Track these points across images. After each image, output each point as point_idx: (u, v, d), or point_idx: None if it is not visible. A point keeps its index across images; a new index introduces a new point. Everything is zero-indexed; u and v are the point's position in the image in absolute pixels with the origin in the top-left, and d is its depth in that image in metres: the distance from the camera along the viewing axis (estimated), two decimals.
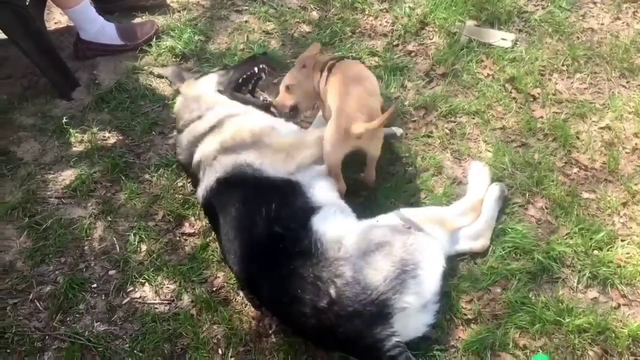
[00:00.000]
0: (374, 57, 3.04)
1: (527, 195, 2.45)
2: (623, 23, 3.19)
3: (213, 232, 2.41)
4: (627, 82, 2.89)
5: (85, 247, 2.44)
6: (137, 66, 3.05)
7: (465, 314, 2.15)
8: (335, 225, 2.13)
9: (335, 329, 1.93)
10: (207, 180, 2.27)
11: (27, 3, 2.73)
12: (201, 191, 2.30)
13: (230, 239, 2.13)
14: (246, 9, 3.35)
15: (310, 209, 2.16)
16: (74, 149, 2.75)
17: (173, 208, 2.49)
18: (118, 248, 2.42)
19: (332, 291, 1.93)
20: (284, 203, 2.14)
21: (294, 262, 2.01)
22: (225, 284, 2.29)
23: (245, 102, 2.58)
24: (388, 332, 1.92)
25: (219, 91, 2.58)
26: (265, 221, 2.09)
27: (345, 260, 1.99)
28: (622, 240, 2.32)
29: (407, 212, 2.19)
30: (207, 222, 2.44)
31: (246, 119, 2.43)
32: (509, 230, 2.34)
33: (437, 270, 2.05)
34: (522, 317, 2.11)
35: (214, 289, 2.29)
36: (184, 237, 2.44)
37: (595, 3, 3.31)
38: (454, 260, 2.26)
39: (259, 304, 2.20)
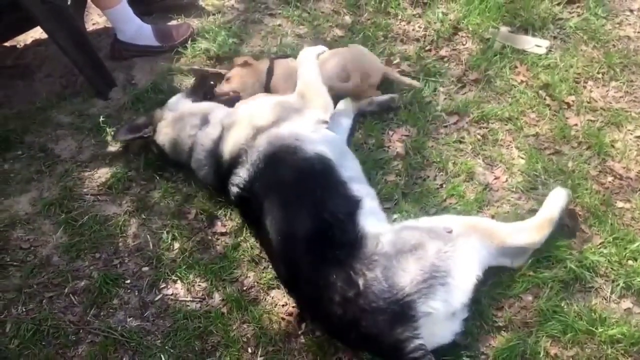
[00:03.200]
0: (406, 61, 3.04)
1: None
2: None
3: (245, 230, 2.45)
4: None
5: (120, 244, 2.48)
6: (173, 67, 3.10)
7: (496, 321, 2.14)
8: (375, 220, 2.17)
9: (359, 323, 1.94)
10: (250, 162, 2.30)
11: (69, 2, 2.79)
12: (241, 177, 2.32)
13: (277, 217, 2.17)
14: (280, 13, 3.38)
15: (354, 201, 2.21)
16: (110, 147, 2.80)
17: (205, 207, 2.53)
18: (151, 245, 2.46)
19: (361, 283, 1.96)
20: (328, 190, 2.21)
21: (336, 249, 2.05)
22: (255, 283, 2.32)
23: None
24: (411, 334, 1.92)
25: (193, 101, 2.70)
26: (313, 207, 2.16)
27: (380, 256, 2.01)
28: None
29: (454, 218, 2.19)
30: (239, 221, 2.48)
31: (252, 102, 2.58)
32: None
33: (470, 282, 2.03)
34: (554, 326, 2.09)
35: (245, 288, 2.31)
36: (216, 236, 2.47)
37: (631, 11, 3.27)
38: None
39: (291, 289, 2.22)
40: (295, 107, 2.47)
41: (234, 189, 2.33)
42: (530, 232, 2.21)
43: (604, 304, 2.17)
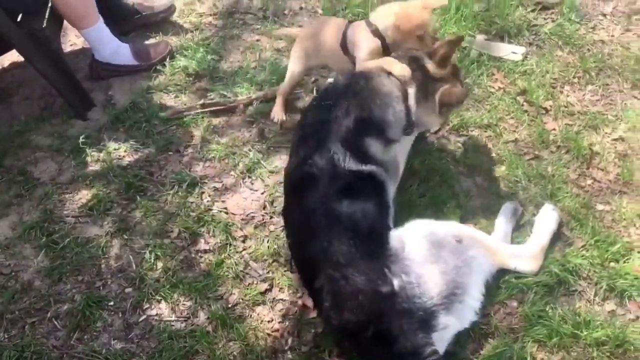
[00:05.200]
0: None
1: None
2: (633, 34, 3.20)
3: (229, 246, 2.43)
4: None
5: (102, 265, 2.45)
6: (152, 86, 3.09)
7: (482, 328, 2.14)
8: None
9: (382, 320, 1.95)
10: None
11: (44, 25, 2.78)
12: None
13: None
14: (258, 28, 3.39)
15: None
16: (90, 168, 2.78)
17: (188, 225, 2.51)
18: (134, 266, 2.43)
19: (396, 283, 1.97)
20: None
21: (372, 245, 2.08)
22: (240, 300, 2.30)
23: None
24: (428, 340, 1.94)
25: None
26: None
27: (411, 262, 2.03)
28: (638, 252, 2.30)
29: (460, 228, 2.22)
30: (223, 237, 2.46)
31: None
32: (524, 243, 2.33)
33: (479, 300, 2.09)
34: (540, 331, 2.09)
35: (230, 305, 2.29)
36: (199, 254, 2.45)
37: (605, 15, 3.32)
38: None
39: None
40: None
41: None
42: (529, 261, 2.25)
43: (588, 307, 2.18)
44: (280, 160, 2.75)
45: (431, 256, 2.06)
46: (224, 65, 3.18)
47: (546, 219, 2.35)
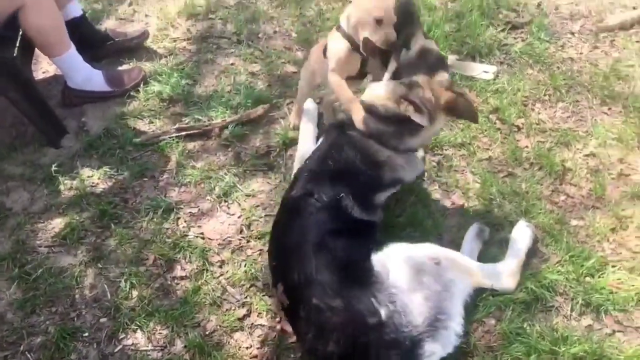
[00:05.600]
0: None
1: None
2: (601, 52, 3.28)
3: (206, 272, 2.41)
4: (609, 109, 2.94)
5: (76, 296, 2.41)
6: (126, 112, 3.08)
7: (461, 347, 2.12)
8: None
9: (369, 351, 1.92)
10: None
11: (15, 54, 2.75)
12: None
13: None
14: (232, 52, 3.40)
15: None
16: (63, 196, 2.74)
17: (164, 252, 2.48)
18: (109, 295, 2.39)
19: (383, 313, 1.94)
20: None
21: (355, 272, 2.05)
22: (218, 327, 2.26)
23: None
24: None
25: None
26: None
27: (396, 289, 2.00)
28: (612, 266, 2.32)
29: (436, 249, 2.20)
30: (200, 263, 2.44)
31: None
32: (501, 260, 2.34)
33: (460, 324, 2.06)
34: (518, 348, 2.09)
35: (207, 332, 2.25)
36: (176, 281, 2.42)
37: (573, 33, 3.40)
38: None
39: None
40: None
41: None
42: (507, 279, 2.25)
43: (565, 323, 2.19)
44: (257, 184, 2.74)
45: (414, 282, 2.04)
46: (198, 89, 3.18)
47: (521, 236, 2.36)
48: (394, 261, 2.10)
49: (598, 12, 3.51)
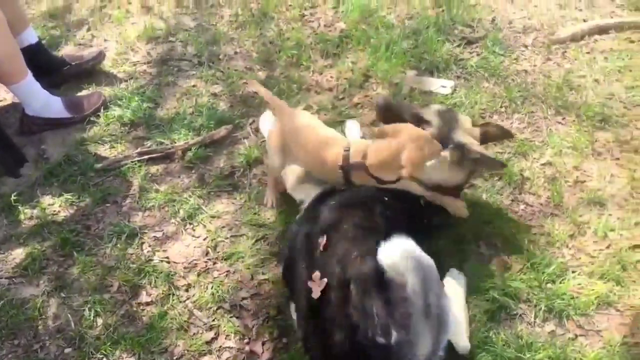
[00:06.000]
0: (322, 111, 3.11)
1: (478, 235, 2.51)
2: (554, 63, 3.37)
3: (172, 296, 2.39)
4: (563, 119, 3.03)
5: (39, 327, 2.36)
6: (86, 137, 3.04)
7: None
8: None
9: None
10: None
11: None
12: None
13: None
14: (193, 74, 3.40)
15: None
16: (24, 226, 2.69)
17: (128, 278, 2.45)
18: (73, 324, 2.34)
19: (394, 337, 1.81)
20: None
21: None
22: (185, 351, 2.24)
23: None
24: None
25: None
26: None
27: (413, 309, 1.85)
28: (572, 272, 2.38)
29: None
30: (165, 288, 2.42)
31: None
32: (464, 271, 2.38)
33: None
34: (484, 357, 2.12)
35: (175, 358, 2.23)
36: (141, 306, 2.39)
37: (526, 46, 3.50)
38: None
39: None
40: None
41: None
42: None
43: (530, 329, 2.23)
44: (222, 205, 2.74)
45: (424, 306, 1.87)
46: (160, 112, 3.17)
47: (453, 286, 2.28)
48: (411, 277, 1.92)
49: (550, 25, 3.62)
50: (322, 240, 2.06)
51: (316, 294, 1.95)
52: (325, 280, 1.97)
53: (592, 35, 3.51)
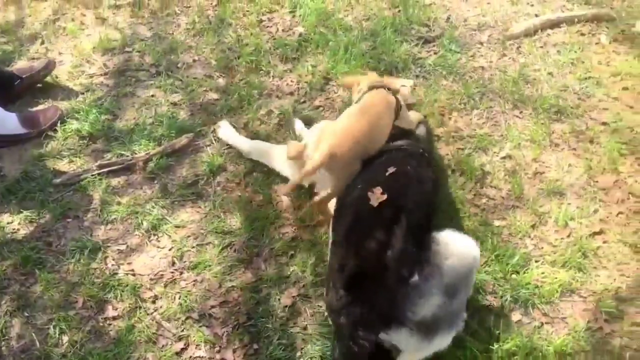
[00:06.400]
0: (284, 115, 3.11)
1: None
2: (509, 59, 3.44)
3: (139, 309, 2.36)
4: (520, 113, 3.09)
5: (3, 348, 2.29)
6: (44, 153, 2.98)
7: None
8: None
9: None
10: None
11: None
12: None
13: None
14: (152, 84, 3.36)
15: None
16: None
17: (93, 293, 2.41)
18: (38, 343, 2.29)
19: (414, 278, 1.94)
20: None
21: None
22: None
23: None
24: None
25: None
26: None
27: (437, 277, 1.97)
28: (535, 261, 2.44)
29: None
30: (132, 301, 2.38)
31: None
32: None
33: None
34: (454, 352, 2.14)
35: None
36: (108, 321, 2.35)
37: (482, 43, 3.56)
38: None
39: None
40: None
41: None
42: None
43: (497, 320, 2.26)
44: (187, 214, 2.71)
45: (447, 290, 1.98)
46: (119, 124, 3.12)
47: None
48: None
49: (503, 21, 3.69)
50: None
51: (374, 202, 2.08)
52: (385, 196, 2.08)
53: (544, 29, 3.60)
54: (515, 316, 2.28)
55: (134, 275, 2.49)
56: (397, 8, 3.77)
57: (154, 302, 2.40)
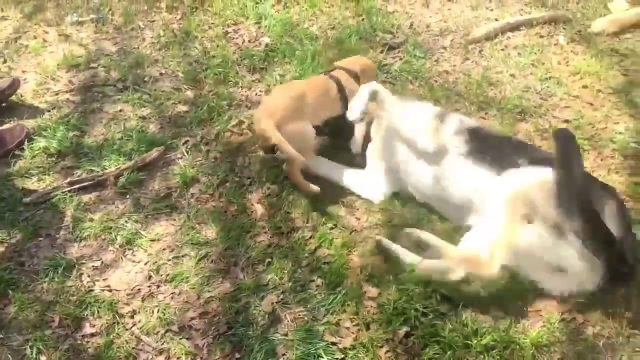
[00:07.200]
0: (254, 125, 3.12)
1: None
2: (472, 62, 3.54)
3: (117, 325, 2.33)
4: (486, 114, 3.17)
5: None
6: (11, 172, 2.93)
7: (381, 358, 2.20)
8: None
9: None
10: None
11: None
12: None
13: None
14: (119, 98, 3.35)
15: None
16: None
17: (69, 311, 2.37)
18: None
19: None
20: None
21: None
22: None
23: None
24: None
25: None
26: None
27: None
28: None
29: None
30: (109, 317, 2.35)
31: None
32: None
33: None
34: (434, 349, 2.18)
35: None
36: (86, 339, 2.31)
37: (445, 48, 3.65)
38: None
39: None
40: None
41: None
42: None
43: (474, 316, 2.30)
44: (161, 227, 2.70)
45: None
46: (87, 140, 3.10)
47: None
48: None
49: (465, 26, 3.79)
50: None
51: None
52: None
53: (504, 33, 3.71)
54: (492, 312, 2.32)
55: (110, 291, 2.46)
56: (361, 16, 3.84)
57: (132, 316, 2.38)
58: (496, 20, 3.82)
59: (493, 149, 2.48)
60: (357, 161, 2.88)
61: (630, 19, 3.71)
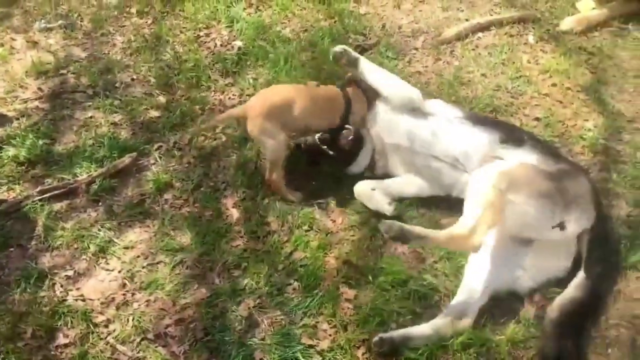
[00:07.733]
0: (229, 129, 3.11)
1: None
2: (444, 62, 3.56)
3: (92, 334, 2.30)
4: None
5: None
6: None
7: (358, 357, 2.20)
8: None
9: None
10: None
11: None
12: None
13: None
14: (90, 105, 3.30)
15: None
16: None
17: (42, 322, 2.33)
18: None
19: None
20: None
21: None
22: None
23: None
24: None
25: None
26: None
27: None
28: None
29: None
30: (84, 327, 2.32)
31: None
32: (385, 266, 2.47)
33: None
34: (412, 349, 2.19)
35: None
36: (59, 349, 2.27)
37: (417, 49, 3.67)
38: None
39: None
40: None
41: None
42: None
43: None
44: (135, 234, 2.67)
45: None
46: (58, 147, 3.05)
47: None
48: None
49: (436, 27, 3.82)
50: None
51: None
52: None
53: (475, 33, 3.73)
54: None
55: (84, 300, 2.43)
56: (334, 19, 3.84)
57: (106, 326, 2.35)
58: (466, 20, 3.85)
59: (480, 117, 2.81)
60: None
61: (597, 18, 3.77)
